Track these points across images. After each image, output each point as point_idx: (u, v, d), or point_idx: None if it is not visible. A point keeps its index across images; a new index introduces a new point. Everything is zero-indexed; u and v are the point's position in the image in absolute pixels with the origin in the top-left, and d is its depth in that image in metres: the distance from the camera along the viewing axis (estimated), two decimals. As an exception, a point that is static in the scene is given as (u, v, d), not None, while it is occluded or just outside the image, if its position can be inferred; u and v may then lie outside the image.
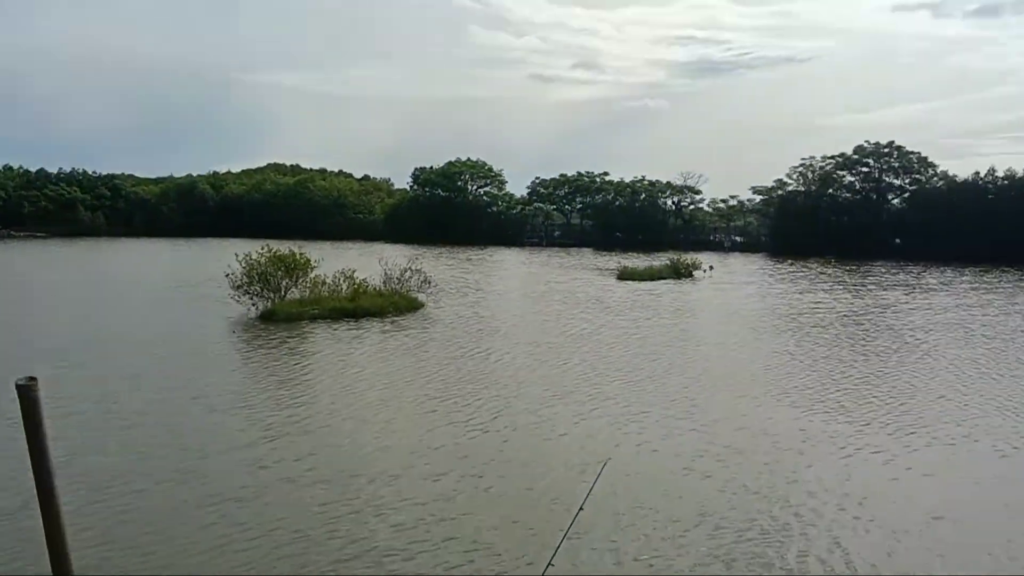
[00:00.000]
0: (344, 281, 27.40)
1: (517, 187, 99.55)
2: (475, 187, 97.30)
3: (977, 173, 70.76)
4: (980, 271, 49.40)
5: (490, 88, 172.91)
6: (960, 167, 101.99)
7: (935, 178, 73.97)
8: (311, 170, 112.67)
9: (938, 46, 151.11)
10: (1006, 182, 68.90)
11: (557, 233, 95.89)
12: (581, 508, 4.61)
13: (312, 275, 27.13)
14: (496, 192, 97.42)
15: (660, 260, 49.54)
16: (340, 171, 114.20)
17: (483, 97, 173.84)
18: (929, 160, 74.62)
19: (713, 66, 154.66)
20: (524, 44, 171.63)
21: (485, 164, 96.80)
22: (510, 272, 49.62)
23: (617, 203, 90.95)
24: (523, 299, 32.02)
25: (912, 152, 75.06)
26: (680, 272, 45.33)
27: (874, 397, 15.29)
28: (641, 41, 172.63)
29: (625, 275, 43.41)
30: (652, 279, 42.53)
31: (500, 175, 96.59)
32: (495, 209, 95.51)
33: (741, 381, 16.79)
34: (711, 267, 48.65)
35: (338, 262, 32.09)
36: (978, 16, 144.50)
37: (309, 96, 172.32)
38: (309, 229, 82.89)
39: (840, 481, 10.41)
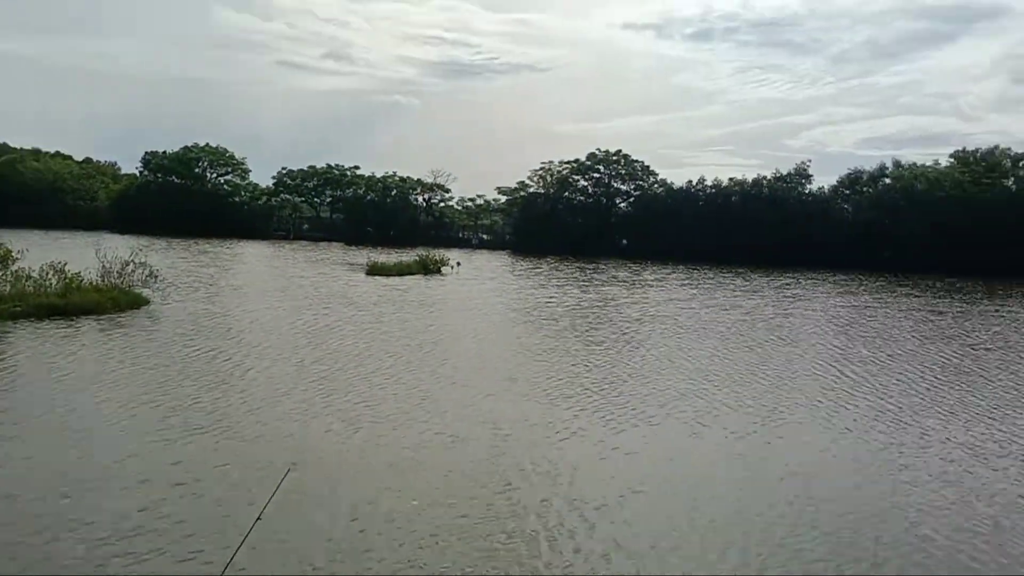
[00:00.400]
0: (53, 275, 24.36)
1: (263, 177, 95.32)
2: (215, 175, 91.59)
3: (690, 181, 79.57)
4: (690, 268, 55.52)
5: (235, 72, 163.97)
6: (678, 175, 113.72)
7: (656, 185, 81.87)
8: (21, 149, 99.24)
9: (663, 64, 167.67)
10: (713, 190, 78.08)
11: (306, 226, 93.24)
12: (263, 511, 4.46)
13: (14, 268, 23.84)
14: (239, 181, 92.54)
15: (410, 256, 50.01)
16: (57, 152, 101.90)
17: (227, 81, 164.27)
18: (651, 168, 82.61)
19: (463, 68, 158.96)
20: (271, 29, 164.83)
21: (226, 151, 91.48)
22: (251, 266, 47.34)
23: (369, 198, 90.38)
24: (262, 295, 30.62)
25: (637, 160, 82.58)
26: (429, 268, 46.10)
27: (593, 384, 16.53)
28: (392, 37, 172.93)
29: (374, 270, 43.23)
30: (401, 275, 42.80)
31: (243, 163, 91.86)
32: (238, 200, 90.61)
33: (475, 372, 17.38)
34: (458, 263, 49.99)
35: (50, 253, 28.58)
36: (694, 40, 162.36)
37: (22, 64, 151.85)
38: (20, 216, 73.24)
39: (553, 463, 11.11)
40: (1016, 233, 61.48)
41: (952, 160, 73.28)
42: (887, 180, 74.08)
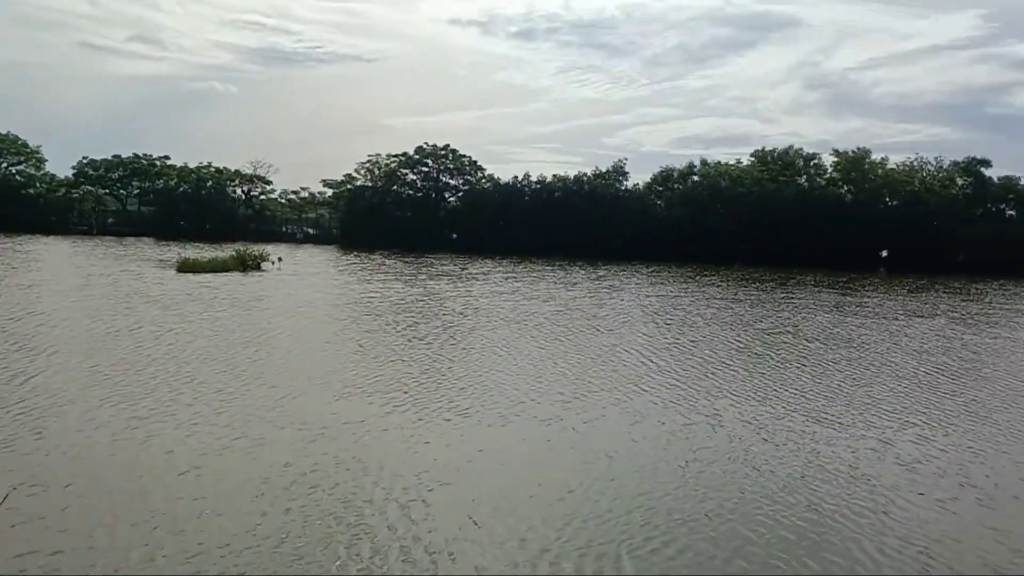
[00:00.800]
0: None
1: (62, 168, 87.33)
2: (4, 165, 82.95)
3: (516, 177, 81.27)
4: (516, 262, 56.71)
5: (30, 53, 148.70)
6: (506, 171, 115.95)
7: (484, 180, 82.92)
8: None
9: (488, 60, 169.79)
10: (538, 186, 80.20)
11: (111, 220, 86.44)
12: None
13: None
14: (33, 172, 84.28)
15: (227, 251, 47.63)
16: None
17: (21, 62, 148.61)
18: (479, 163, 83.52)
19: (284, 56, 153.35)
20: (71, 7, 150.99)
21: (18, 138, 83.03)
22: (44, 263, 43.18)
23: (181, 189, 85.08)
24: (55, 295, 27.99)
25: (465, 155, 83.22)
26: (247, 264, 44.11)
27: (410, 379, 16.40)
28: (207, 20, 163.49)
29: (186, 267, 40.67)
30: (216, 271, 40.62)
31: (38, 152, 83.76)
32: (32, 191, 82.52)
33: (286, 372, 16.75)
34: (280, 259, 48.16)
35: None
36: (518, 38, 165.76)
37: None
38: None
39: (361, 461, 10.89)
40: (807, 226, 67.81)
41: (752, 159, 79.62)
42: (695, 177, 79.26)
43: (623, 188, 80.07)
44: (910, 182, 73.16)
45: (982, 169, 72.05)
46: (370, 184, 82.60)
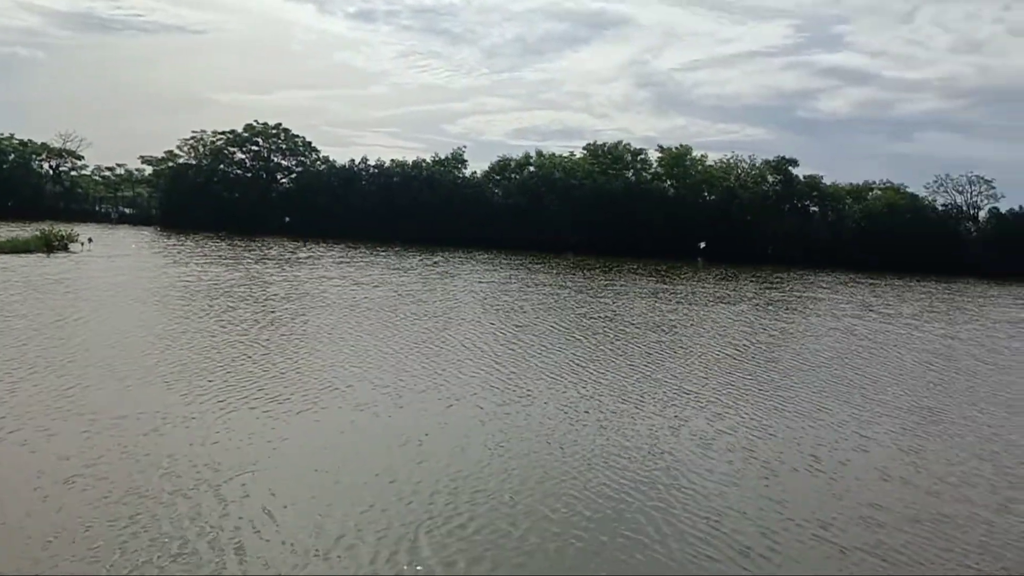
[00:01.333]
0: None
1: None
2: None
3: (353, 160, 79.53)
4: (351, 247, 55.60)
5: None
6: (345, 154, 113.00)
7: (319, 162, 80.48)
8: None
9: (325, 40, 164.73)
10: (377, 170, 78.90)
11: None
12: None
13: None
14: None
15: (31, 231, 43.55)
16: None
17: None
18: (313, 145, 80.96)
19: (101, 22, 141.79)
20: None
21: None
22: None
23: (-24, 162, 76.77)
24: None
25: (298, 136, 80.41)
26: (52, 245, 40.58)
27: (218, 366, 15.66)
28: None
29: (-23, 248, 36.83)
30: (16, 252, 37.09)
31: None
32: None
33: (83, 359, 15.48)
34: (90, 239, 44.58)
35: None
36: (357, 19, 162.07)
37: None
38: None
39: (151, 455, 10.29)
40: (634, 218, 71.10)
41: (585, 152, 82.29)
42: (532, 168, 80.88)
43: (462, 176, 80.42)
44: (727, 178, 78.36)
45: (790, 168, 78.27)
46: (194, 162, 78.01)
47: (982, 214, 75.13)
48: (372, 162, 79.21)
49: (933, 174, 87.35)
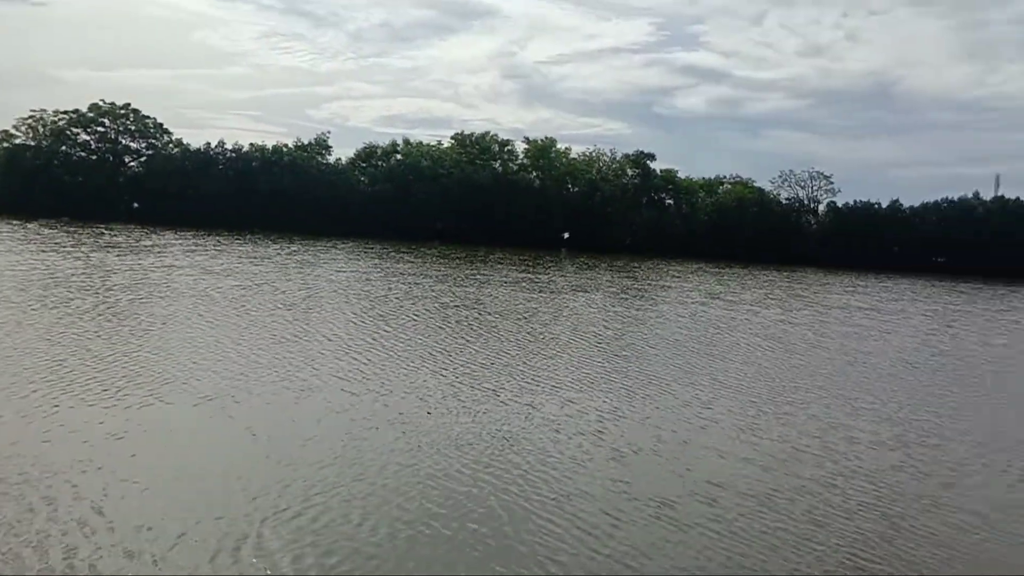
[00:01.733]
0: None
1: None
2: None
3: (209, 144, 75.77)
4: (205, 234, 53.10)
5: None
6: (201, 137, 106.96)
7: (171, 145, 76.20)
8: None
9: (178, 16, 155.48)
10: (234, 154, 75.54)
11: None
12: None
13: None
14: None
15: None
16: None
17: None
18: (166, 127, 76.51)
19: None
20: None
21: None
22: None
23: None
24: None
25: (149, 117, 75.70)
26: None
27: (52, 360, 14.66)
28: None
29: None
30: None
31: None
32: None
33: None
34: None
35: None
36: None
37: None
38: None
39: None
40: (501, 207, 71.94)
41: (453, 141, 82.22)
42: (399, 156, 79.99)
43: (326, 162, 78.39)
44: (589, 171, 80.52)
45: (648, 162, 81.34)
46: (33, 143, 72.05)
47: (821, 208, 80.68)
48: (230, 146, 75.88)
49: (779, 170, 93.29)
